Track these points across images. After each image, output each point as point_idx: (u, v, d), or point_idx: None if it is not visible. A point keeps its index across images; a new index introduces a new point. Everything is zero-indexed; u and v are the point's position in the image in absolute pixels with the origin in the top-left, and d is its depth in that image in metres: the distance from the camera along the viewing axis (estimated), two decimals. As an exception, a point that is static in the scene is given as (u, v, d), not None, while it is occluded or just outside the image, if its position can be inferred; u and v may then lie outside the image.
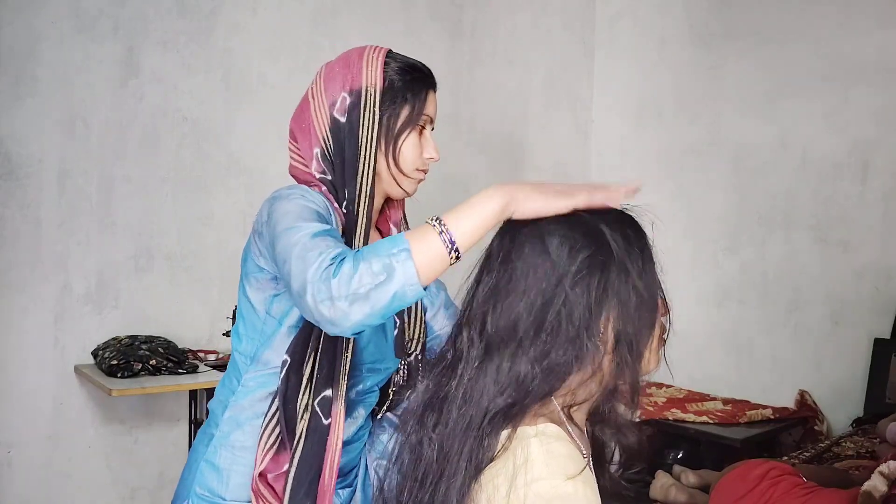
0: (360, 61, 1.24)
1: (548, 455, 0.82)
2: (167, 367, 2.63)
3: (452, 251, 0.96)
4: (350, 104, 1.22)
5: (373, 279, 0.94)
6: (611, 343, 0.88)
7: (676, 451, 3.23)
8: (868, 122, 3.26)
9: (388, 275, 0.94)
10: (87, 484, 2.80)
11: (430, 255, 0.96)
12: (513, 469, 0.82)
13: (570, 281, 0.87)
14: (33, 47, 2.66)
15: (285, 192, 1.16)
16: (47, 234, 2.70)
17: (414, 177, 1.27)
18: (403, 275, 0.95)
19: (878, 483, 2.03)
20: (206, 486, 1.23)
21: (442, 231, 0.96)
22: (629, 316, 0.88)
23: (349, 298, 0.95)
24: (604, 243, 0.88)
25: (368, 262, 0.95)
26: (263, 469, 1.17)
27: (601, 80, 4.25)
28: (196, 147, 2.98)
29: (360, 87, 1.22)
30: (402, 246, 0.95)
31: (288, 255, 1.03)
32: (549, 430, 0.85)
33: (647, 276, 0.90)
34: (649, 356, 0.92)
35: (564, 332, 0.86)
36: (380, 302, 0.95)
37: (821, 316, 3.39)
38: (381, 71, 1.23)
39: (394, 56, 1.27)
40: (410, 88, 1.24)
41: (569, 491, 0.79)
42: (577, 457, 0.84)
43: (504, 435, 0.86)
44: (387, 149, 1.23)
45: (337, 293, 0.95)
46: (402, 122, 1.23)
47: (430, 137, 1.28)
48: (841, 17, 3.32)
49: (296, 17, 3.21)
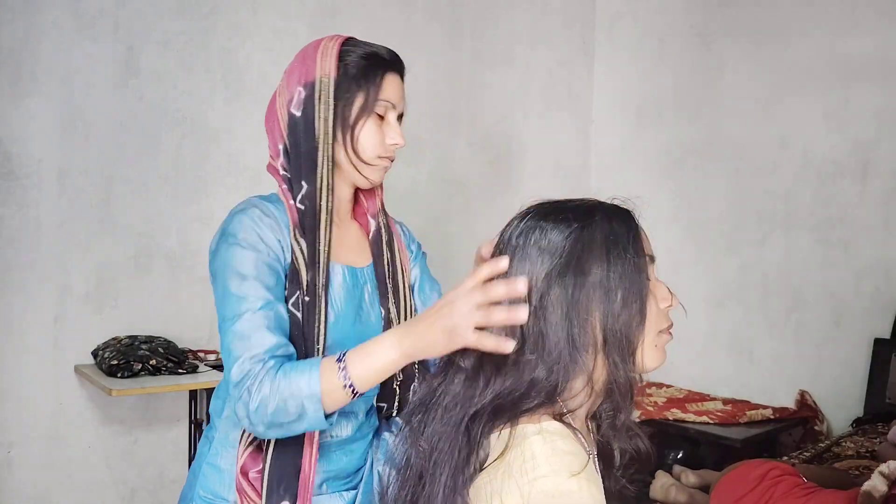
0: (314, 53, 1.24)
1: (552, 452, 0.82)
2: (167, 367, 2.63)
3: (352, 393, 1.07)
4: (304, 98, 1.21)
5: (287, 417, 1.07)
6: (600, 342, 0.87)
7: (676, 451, 3.23)
8: (868, 122, 3.26)
9: (300, 416, 1.07)
10: (87, 484, 2.80)
11: (333, 395, 1.07)
12: (516, 467, 0.82)
13: (548, 287, 0.87)
14: (33, 47, 2.66)
15: (232, 227, 1.19)
16: (47, 234, 2.70)
17: (376, 164, 1.25)
18: (314, 416, 1.07)
19: (878, 483, 2.03)
20: (208, 489, 1.24)
21: (342, 375, 1.06)
22: (614, 313, 0.87)
23: (265, 425, 1.08)
24: (582, 241, 0.88)
25: (285, 399, 1.06)
26: (243, 466, 1.18)
27: (601, 80, 4.25)
28: (196, 147, 2.98)
29: (314, 79, 1.21)
30: (316, 389, 1.06)
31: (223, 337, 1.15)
32: (551, 427, 0.85)
33: (631, 270, 0.88)
34: (646, 352, 0.90)
35: (549, 343, 0.86)
36: (292, 432, 1.10)
37: (821, 316, 3.39)
38: (336, 61, 1.22)
39: (354, 43, 1.25)
40: (364, 75, 1.22)
41: (573, 488, 0.79)
42: (581, 454, 0.84)
43: (495, 437, 0.85)
44: (344, 138, 1.22)
45: (255, 419, 1.08)
46: (356, 109, 1.22)
47: (393, 123, 1.26)
48: (841, 16, 3.32)
49: (296, 17, 3.21)
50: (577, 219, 0.89)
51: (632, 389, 0.91)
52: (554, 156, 4.13)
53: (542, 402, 0.86)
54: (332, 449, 1.24)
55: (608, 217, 0.90)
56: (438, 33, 3.67)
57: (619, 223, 0.90)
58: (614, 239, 0.88)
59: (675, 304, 0.94)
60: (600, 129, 4.26)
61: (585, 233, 0.88)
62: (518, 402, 0.86)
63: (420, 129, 3.57)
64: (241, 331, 1.11)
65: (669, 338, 0.94)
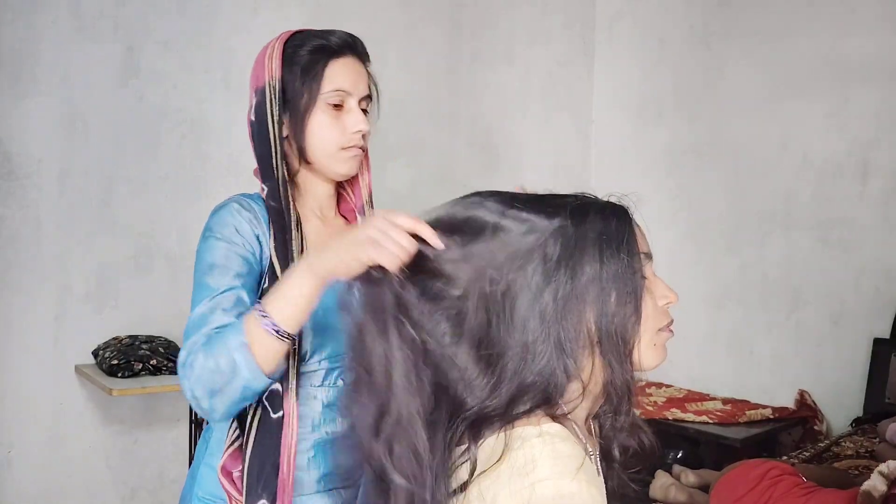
0: (262, 57, 1.24)
1: (552, 455, 0.81)
2: (168, 367, 2.63)
3: (282, 337, 1.05)
4: (256, 104, 1.23)
5: (222, 378, 1.05)
6: (596, 344, 0.86)
7: (676, 451, 3.22)
8: (868, 122, 3.26)
9: (234, 371, 1.05)
10: (87, 484, 2.80)
11: (264, 346, 1.05)
12: (516, 470, 0.80)
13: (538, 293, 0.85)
14: (33, 47, 2.66)
15: (210, 221, 1.22)
16: (47, 234, 2.70)
17: (339, 156, 1.24)
18: (247, 368, 1.05)
19: (878, 483, 2.03)
20: (206, 490, 1.24)
21: (264, 322, 1.04)
22: (608, 314, 0.85)
23: (208, 396, 1.06)
24: (574, 240, 0.86)
25: (217, 358, 1.05)
26: (223, 466, 1.19)
27: (601, 80, 4.25)
28: (196, 147, 2.98)
29: (263, 83, 1.22)
30: (241, 339, 1.05)
31: (189, 319, 1.15)
32: (552, 429, 0.84)
33: (625, 269, 0.86)
34: (644, 351, 0.89)
35: (534, 349, 0.85)
36: (233, 394, 1.07)
37: (821, 316, 3.39)
38: (280, 61, 1.21)
39: (302, 38, 1.24)
40: (307, 69, 1.21)
41: (573, 490, 0.78)
42: (582, 456, 0.83)
43: (493, 440, 0.84)
44: (300, 137, 1.22)
45: (199, 392, 1.07)
46: (303, 104, 1.21)
47: (353, 109, 1.23)
48: (841, 17, 3.32)
49: (296, 17, 3.20)
50: (569, 215, 0.88)
51: (630, 390, 0.90)
52: (554, 156, 4.13)
53: (537, 406, 0.85)
54: (327, 445, 1.23)
55: (602, 214, 0.89)
56: (438, 33, 3.67)
57: (613, 220, 0.89)
58: (608, 238, 0.87)
59: (674, 300, 0.93)
60: (600, 129, 4.25)
61: (578, 231, 0.87)
62: (508, 407, 0.84)
63: (420, 129, 3.57)
64: (197, 315, 1.13)
65: (670, 335, 0.93)
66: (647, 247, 0.92)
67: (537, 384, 0.85)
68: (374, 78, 1.30)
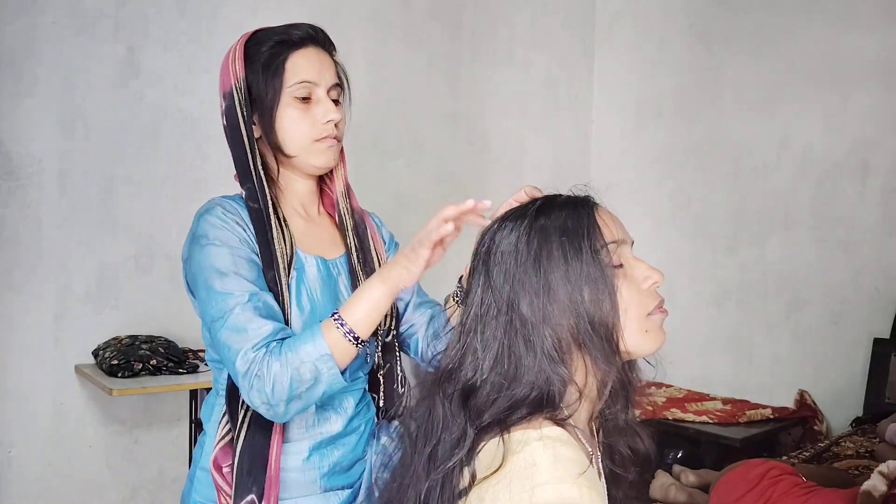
0: (226, 62, 1.24)
1: (553, 459, 0.80)
2: (168, 367, 2.63)
3: (357, 343, 1.11)
4: (226, 108, 1.22)
5: (304, 385, 1.08)
6: (580, 344, 0.85)
7: (676, 451, 3.22)
8: (868, 122, 3.26)
9: (316, 379, 1.09)
10: (87, 484, 2.80)
11: (340, 349, 1.10)
12: (517, 474, 0.80)
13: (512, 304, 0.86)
14: (33, 47, 2.66)
15: (201, 229, 1.19)
16: (47, 235, 2.70)
17: (314, 148, 1.23)
18: (329, 374, 1.09)
19: (878, 483, 2.03)
20: (203, 494, 1.24)
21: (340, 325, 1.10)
22: (585, 314, 0.84)
23: (285, 402, 1.08)
24: (536, 247, 0.86)
25: (297, 367, 1.08)
26: (215, 460, 1.19)
27: (601, 80, 4.25)
28: (196, 147, 2.98)
29: (230, 87, 1.22)
30: (324, 351, 1.09)
31: (216, 336, 1.13)
32: (553, 432, 0.83)
33: (591, 263, 0.85)
34: (636, 338, 0.87)
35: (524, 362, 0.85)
36: (312, 399, 1.11)
37: (820, 316, 3.39)
38: (242, 61, 1.21)
39: (263, 36, 1.25)
40: (266, 63, 1.21)
41: (573, 495, 0.77)
42: (583, 459, 0.82)
43: (495, 444, 0.83)
44: (267, 134, 1.22)
45: (275, 399, 1.08)
46: (269, 100, 1.21)
47: (322, 99, 1.23)
48: (841, 17, 3.32)
49: (296, 17, 3.19)
50: (528, 224, 0.87)
51: (626, 384, 0.90)
52: (554, 156, 4.13)
53: (535, 412, 0.84)
54: (323, 445, 1.23)
55: (560, 212, 0.88)
56: (438, 33, 3.67)
57: (571, 217, 0.87)
58: (568, 236, 0.86)
59: (658, 279, 0.89)
60: (600, 129, 4.26)
61: (538, 238, 0.86)
62: (505, 415, 0.84)
63: (420, 129, 3.57)
64: (236, 324, 1.11)
65: (663, 315, 0.90)
66: (621, 232, 0.90)
67: (531, 396, 0.84)
68: (343, 67, 1.29)
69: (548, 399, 0.85)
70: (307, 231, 1.27)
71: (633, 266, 0.89)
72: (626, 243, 0.90)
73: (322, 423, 1.23)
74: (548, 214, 0.88)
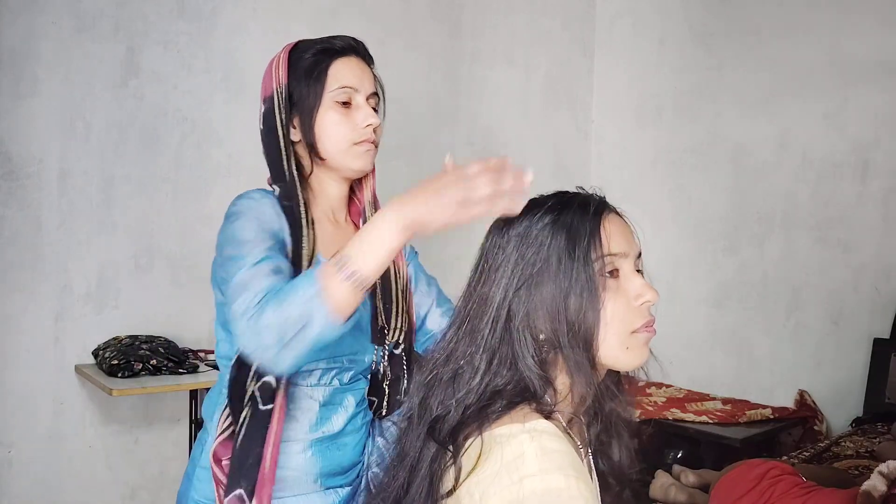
0: (269, 68, 1.27)
1: (539, 451, 0.80)
2: (168, 367, 2.63)
3: (359, 285, 1.00)
4: (265, 112, 1.26)
5: (294, 327, 1.00)
6: (556, 347, 0.85)
7: (676, 451, 3.22)
8: (868, 122, 3.26)
9: (307, 321, 1.00)
10: (87, 484, 2.80)
11: (340, 293, 1.00)
12: (504, 467, 0.80)
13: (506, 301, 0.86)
14: (33, 47, 2.66)
15: (234, 208, 1.21)
16: (47, 234, 2.70)
17: (352, 152, 1.25)
18: (321, 318, 1.00)
19: (878, 483, 2.03)
20: (202, 493, 1.24)
21: (343, 270, 1.00)
22: (563, 319, 0.84)
23: (276, 347, 1.01)
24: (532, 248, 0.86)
25: (287, 310, 1.00)
26: (215, 453, 1.19)
27: (601, 80, 4.25)
28: (196, 147, 2.98)
29: (271, 91, 1.25)
30: (315, 289, 1.00)
31: (226, 292, 1.11)
32: (539, 425, 0.83)
33: (580, 272, 0.84)
34: (614, 354, 0.86)
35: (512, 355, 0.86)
36: (305, 345, 1.01)
37: (820, 316, 3.39)
38: (286, 68, 1.25)
39: (306, 45, 1.27)
40: (311, 71, 1.24)
41: (561, 485, 0.77)
42: (570, 451, 0.83)
43: (479, 440, 0.83)
44: (306, 136, 1.24)
45: (266, 343, 1.01)
46: (310, 103, 1.23)
47: (361, 105, 1.25)
48: (841, 17, 3.32)
49: (296, 17, 3.20)
50: (536, 219, 0.88)
51: (599, 396, 0.89)
52: (554, 156, 4.13)
53: (514, 402, 0.85)
54: (323, 444, 1.24)
55: (568, 214, 0.87)
56: (438, 33, 3.67)
57: (577, 220, 0.87)
58: (567, 240, 0.85)
59: (651, 299, 0.87)
60: (600, 129, 4.26)
61: (541, 235, 0.86)
62: (485, 405, 0.85)
63: (420, 129, 3.57)
64: (241, 280, 1.08)
65: (649, 335, 0.88)
66: (624, 244, 0.88)
67: (509, 387, 0.85)
68: (380, 80, 1.32)
69: (528, 391, 0.85)
70: (333, 236, 1.28)
71: (629, 280, 0.88)
72: (628, 256, 0.88)
73: (325, 422, 1.24)
74: (557, 212, 0.88)
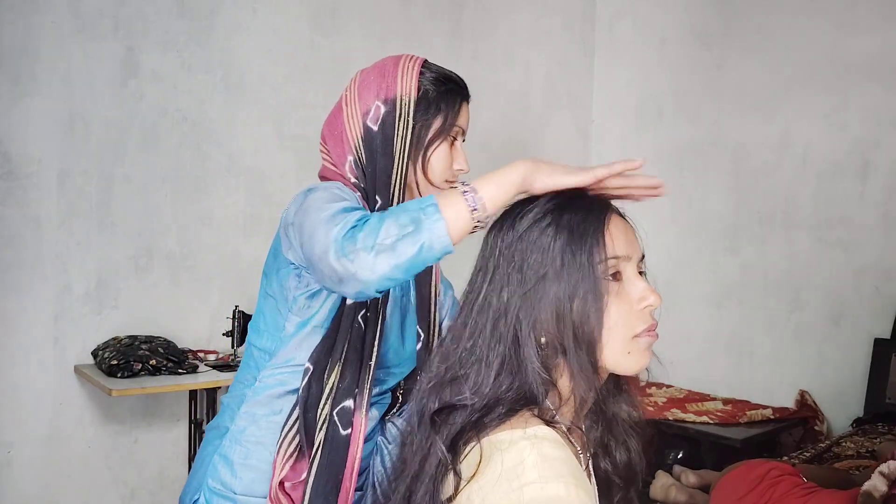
0: (395, 70, 1.24)
1: (539, 458, 0.79)
2: (167, 367, 2.63)
3: (475, 211, 0.97)
4: (384, 113, 1.21)
5: (400, 230, 0.95)
6: (564, 351, 0.84)
7: (676, 451, 3.22)
8: (868, 122, 3.26)
9: (416, 227, 0.95)
10: (87, 484, 2.80)
11: (455, 212, 0.97)
12: (504, 474, 0.79)
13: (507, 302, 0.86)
14: (33, 47, 2.66)
15: (321, 185, 1.17)
16: (47, 234, 2.70)
17: (442, 188, 1.24)
18: (432, 227, 0.95)
19: (878, 483, 2.03)
20: (218, 480, 1.23)
21: (466, 191, 0.97)
22: (567, 321, 0.83)
23: (375, 249, 0.95)
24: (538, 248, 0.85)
25: (396, 216, 0.97)
26: (283, 477, 1.17)
27: (601, 80, 4.25)
28: (196, 147, 2.98)
29: (395, 96, 1.22)
30: (429, 201, 0.97)
31: (314, 227, 1.04)
32: (540, 432, 0.82)
33: (585, 276, 0.84)
34: (616, 359, 0.86)
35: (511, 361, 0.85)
36: (406, 253, 0.95)
37: (821, 316, 3.39)
38: (417, 80, 1.23)
39: (429, 66, 1.28)
40: (444, 99, 1.24)
41: (561, 493, 0.77)
42: (571, 458, 0.82)
43: (474, 446, 0.83)
44: (417, 159, 1.23)
45: (362, 245, 0.95)
46: (433, 132, 1.23)
47: (460, 149, 1.28)
48: (841, 17, 3.32)
49: (296, 17, 3.21)
50: (539, 219, 0.87)
51: (600, 399, 0.88)
52: (554, 156, 4.10)
53: (514, 411, 0.84)
54: None
55: (572, 215, 0.87)
56: (438, 33, 3.67)
57: (580, 221, 0.86)
58: (571, 242, 0.85)
59: (654, 303, 0.87)
60: (600, 129, 4.26)
61: (543, 236, 0.85)
62: (482, 417, 0.84)
63: (420, 129, 3.57)
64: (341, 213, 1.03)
65: (651, 339, 0.88)
66: (628, 247, 0.88)
67: (510, 394, 0.84)
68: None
69: (529, 396, 0.84)
70: None
71: (631, 284, 0.87)
72: (631, 258, 0.88)
73: (377, 435, 1.26)
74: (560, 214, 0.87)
